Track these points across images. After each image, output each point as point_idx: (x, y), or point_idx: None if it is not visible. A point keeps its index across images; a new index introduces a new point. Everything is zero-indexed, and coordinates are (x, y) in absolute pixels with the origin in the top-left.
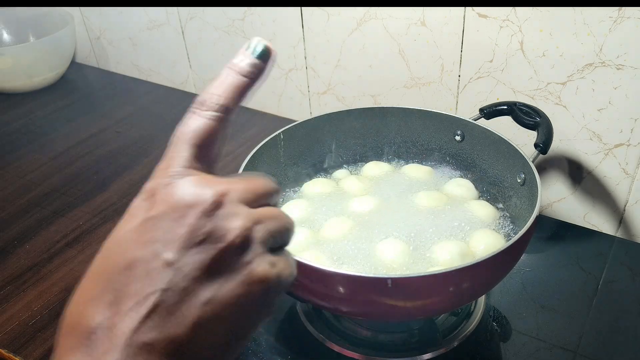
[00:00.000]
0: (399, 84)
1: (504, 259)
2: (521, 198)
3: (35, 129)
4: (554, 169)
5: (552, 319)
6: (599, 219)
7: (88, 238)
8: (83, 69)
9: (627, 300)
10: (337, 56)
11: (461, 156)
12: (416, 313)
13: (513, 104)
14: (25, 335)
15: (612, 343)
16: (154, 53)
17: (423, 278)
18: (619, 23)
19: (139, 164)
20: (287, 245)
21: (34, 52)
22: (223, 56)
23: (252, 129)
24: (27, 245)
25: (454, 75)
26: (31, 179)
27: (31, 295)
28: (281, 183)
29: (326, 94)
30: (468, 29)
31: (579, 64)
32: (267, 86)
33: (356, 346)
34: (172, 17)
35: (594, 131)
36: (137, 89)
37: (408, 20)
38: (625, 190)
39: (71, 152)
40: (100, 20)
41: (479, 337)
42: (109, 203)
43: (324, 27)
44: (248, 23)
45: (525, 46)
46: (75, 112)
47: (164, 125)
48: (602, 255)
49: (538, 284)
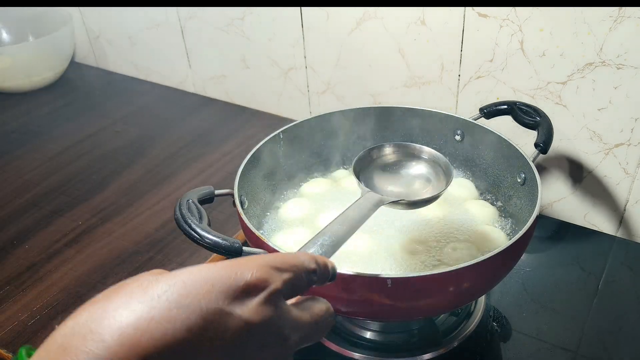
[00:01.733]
0: (398, 84)
1: (504, 259)
2: (521, 198)
3: (34, 129)
4: (554, 169)
5: (552, 319)
6: (599, 218)
7: (87, 238)
8: (82, 68)
9: (628, 300)
10: (336, 55)
11: (461, 156)
12: (416, 313)
13: (513, 104)
14: (24, 336)
15: (612, 343)
16: (153, 52)
17: (423, 278)
18: (620, 22)
19: (138, 163)
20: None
21: (33, 51)
22: (222, 55)
23: (251, 129)
24: (26, 245)
25: (454, 74)
26: (30, 179)
27: (30, 295)
28: (280, 183)
29: (326, 93)
30: (468, 28)
31: (579, 63)
32: (266, 86)
33: (356, 346)
34: (171, 17)
35: (594, 131)
36: (136, 88)
37: (408, 20)
38: (625, 190)
39: (70, 151)
40: (99, 20)
41: (479, 337)
42: (108, 203)
43: (323, 26)
44: (247, 22)
45: (525, 45)
46: (74, 112)
47: (163, 125)
48: (603, 255)
49: (538, 283)
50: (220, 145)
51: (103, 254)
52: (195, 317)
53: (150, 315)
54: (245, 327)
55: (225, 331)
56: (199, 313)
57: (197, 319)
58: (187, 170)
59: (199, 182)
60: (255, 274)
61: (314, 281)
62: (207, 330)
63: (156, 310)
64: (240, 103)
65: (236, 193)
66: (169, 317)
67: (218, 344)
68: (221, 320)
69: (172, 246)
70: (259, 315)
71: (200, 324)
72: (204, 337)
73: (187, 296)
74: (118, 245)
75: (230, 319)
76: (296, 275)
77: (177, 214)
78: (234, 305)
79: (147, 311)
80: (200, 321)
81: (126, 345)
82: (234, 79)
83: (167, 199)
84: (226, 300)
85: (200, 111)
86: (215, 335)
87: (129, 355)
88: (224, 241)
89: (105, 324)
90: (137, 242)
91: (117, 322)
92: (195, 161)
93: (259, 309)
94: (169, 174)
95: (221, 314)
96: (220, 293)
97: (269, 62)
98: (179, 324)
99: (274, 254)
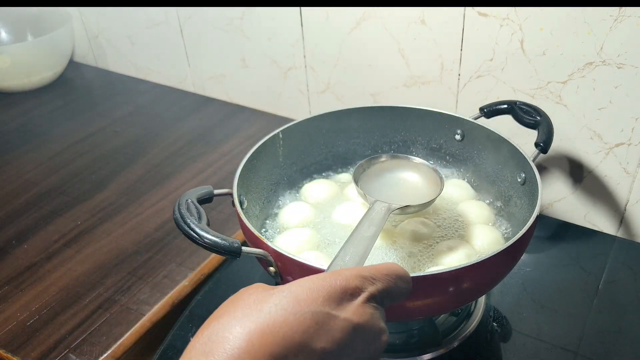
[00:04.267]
0: (398, 83)
1: (504, 259)
2: (521, 197)
3: (33, 128)
4: (554, 169)
5: (552, 319)
6: (599, 218)
7: (86, 238)
8: (81, 68)
9: (628, 300)
10: (336, 55)
11: (461, 155)
12: (416, 313)
13: (513, 103)
14: (23, 336)
15: (612, 343)
16: (152, 52)
17: (423, 278)
18: (620, 22)
19: (137, 163)
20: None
21: (32, 51)
22: (222, 55)
23: (250, 128)
24: (25, 245)
25: (454, 74)
26: (29, 179)
27: (29, 295)
28: (280, 183)
29: (325, 92)
30: (468, 27)
31: (580, 62)
32: (265, 85)
33: None
34: (171, 16)
35: (594, 130)
36: (135, 87)
37: (408, 19)
38: (626, 190)
39: (69, 151)
40: (98, 19)
41: (479, 337)
42: (107, 202)
43: (323, 25)
44: (247, 22)
45: (525, 45)
46: (74, 111)
47: (162, 124)
48: (603, 255)
49: (538, 283)
50: (219, 145)
51: (102, 254)
52: (309, 321)
53: (272, 322)
54: (350, 326)
55: (335, 330)
56: (311, 317)
57: (310, 322)
58: (187, 170)
59: (198, 181)
60: (351, 282)
61: (409, 290)
62: (319, 330)
63: (276, 318)
64: (239, 102)
65: (235, 193)
66: (287, 323)
67: (330, 342)
68: (330, 322)
69: (172, 246)
70: (359, 316)
71: (313, 326)
72: (317, 337)
73: (298, 304)
74: (117, 245)
75: (337, 320)
76: (389, 282)
77: (176, 213)
78: (338, 309)
79: (268, 319)
80: (313, 324)
81: (256, 346)
82: (234, 79)
83: (167, 198)
84: (331, 305)
85: (199, 111)
86: (326, 335)
87: (259, 354)
88: (223, 241)
89: (236, 331)
90: (137, 242)
91: (245, 329)
92: (194, 161)
93: (358, 310)
94: (168, 174)
95: (329, 316)
96: (325, 300)
97: (269, 62)
98: (295, 327)
99: (368, 266)
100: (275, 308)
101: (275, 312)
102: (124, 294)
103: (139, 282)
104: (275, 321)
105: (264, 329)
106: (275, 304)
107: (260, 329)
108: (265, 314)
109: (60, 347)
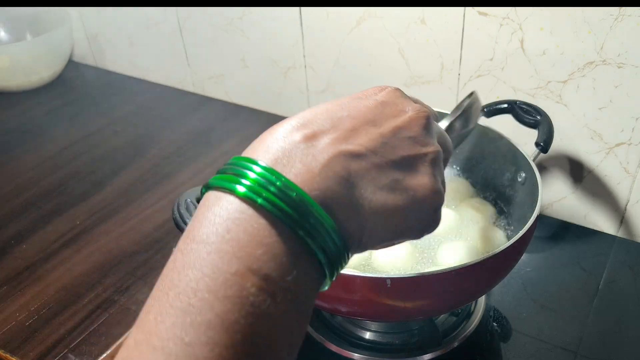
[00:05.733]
0: (398, 83)
1: (504, 259)
2: (522, 197)
3: (32, 128)
4: (554, 168)
5: (552, 319)
6: (599, 218)
7: (85, 237)
8: (80, 67)
9: (628, 300)
10: (336, 55)
11: (461, 155)
12: (416, 313)
13: (513, 103)
14: (22, 336)
15: (613, 343)
16: (151, 51)
17: (423, 278)
18: (620, 21)
19: (136, 162)
20: None
21: (31, 50)
22: (221, 54)
23: (250, 128)
24: (23, 245)
25: (454, 73)
26: (28, 178)
27: (28, 295)
28: None
29: (325, 92)
30: (468, 27)
31: (580, 62)
32: (265, 85)
33: (355, 347)
34: (170, 16)
35: (594, 130)
36: (134, 87)
37: (408, 19)
38: (626, 190)
39: (68, 151)
40: (97, 19)
41: (479, 337)
42: (106, 202)
43: (323, 25)
44: (247, 21)
45: (525, 44)
46: (73, 111)
47: (161, 124)
48: (603, 255)
49: (538, 284)
50: (219, 145)
51: (101, 254)
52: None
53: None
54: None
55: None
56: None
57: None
58: (186, 170)
59: (197, 181)
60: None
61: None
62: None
63: (341, 103)
64: (239, 102)
65: None
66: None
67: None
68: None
69: (171, 246)
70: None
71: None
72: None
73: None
74: (116, 245)
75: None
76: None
77: (175, 213)
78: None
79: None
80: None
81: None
82: (233, 78)
83: (166, 198)
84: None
85: (199, 110)
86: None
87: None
88: None
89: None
90: (136, 242)
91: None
92: (194, 161)
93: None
94: (168, 174)
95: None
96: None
97: (268, 62)
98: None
99: None
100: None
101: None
102: (123, 294)
103: (138, 282)
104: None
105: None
106: (334, 102)
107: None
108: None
109: (59, 347)
